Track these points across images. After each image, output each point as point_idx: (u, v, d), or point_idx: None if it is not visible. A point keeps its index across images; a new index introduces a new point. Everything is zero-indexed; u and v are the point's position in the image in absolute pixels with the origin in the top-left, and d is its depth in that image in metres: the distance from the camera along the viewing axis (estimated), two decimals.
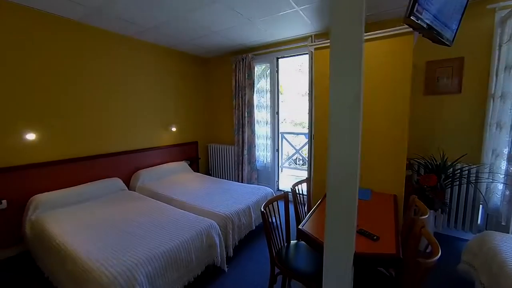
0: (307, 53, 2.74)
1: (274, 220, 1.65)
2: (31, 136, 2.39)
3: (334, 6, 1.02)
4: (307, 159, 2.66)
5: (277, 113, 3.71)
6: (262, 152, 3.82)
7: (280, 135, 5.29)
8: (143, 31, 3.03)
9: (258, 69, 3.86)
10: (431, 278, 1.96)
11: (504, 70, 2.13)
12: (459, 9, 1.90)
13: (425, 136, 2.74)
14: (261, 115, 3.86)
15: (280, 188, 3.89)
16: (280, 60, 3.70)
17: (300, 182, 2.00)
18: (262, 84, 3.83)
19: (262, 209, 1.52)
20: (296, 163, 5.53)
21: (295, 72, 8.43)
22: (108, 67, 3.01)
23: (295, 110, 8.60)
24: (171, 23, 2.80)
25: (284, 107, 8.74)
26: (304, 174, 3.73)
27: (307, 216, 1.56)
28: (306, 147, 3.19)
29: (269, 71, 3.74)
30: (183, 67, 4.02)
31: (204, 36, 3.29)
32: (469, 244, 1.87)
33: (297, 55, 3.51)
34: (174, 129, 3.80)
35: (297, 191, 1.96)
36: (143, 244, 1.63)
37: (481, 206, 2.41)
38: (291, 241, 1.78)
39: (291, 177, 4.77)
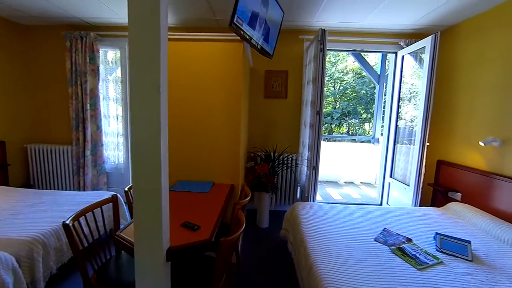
0: None
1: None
2: None
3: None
4: None
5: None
6: (113, 152, 3.25)
7: None
8: None
9: (115, 54, 3.23)
10: (266, 244, 2.49)
11: (307, 84, 2.93)
12: (275, 30, 2.40)
13: (265, 132, 3.32)
14: (113, 109, 3.25)
15: None
16: None
17: None
18: (118, 73, 3.24)
19: (67, 222, 1.22)
20: None
21: None
22: None
23: None
24: None
25: None
26: None
27: (129, 221, 1.41)
28: None
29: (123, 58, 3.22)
30: None
31: None
32: (286, 214, 2.44)
33: None
34: None
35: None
36: None
37: (298, 185, 3.23)
38: (122, 251, 1.58)
39: None
